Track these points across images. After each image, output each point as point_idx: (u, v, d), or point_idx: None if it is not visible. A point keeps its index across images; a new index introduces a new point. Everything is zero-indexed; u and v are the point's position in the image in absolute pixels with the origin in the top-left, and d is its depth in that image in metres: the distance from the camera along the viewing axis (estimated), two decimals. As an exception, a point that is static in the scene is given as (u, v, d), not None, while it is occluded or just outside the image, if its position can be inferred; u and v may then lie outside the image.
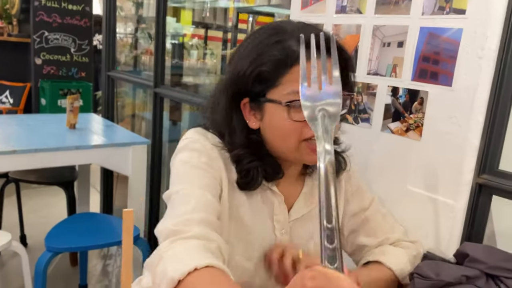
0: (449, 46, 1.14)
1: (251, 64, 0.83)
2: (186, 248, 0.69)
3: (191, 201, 0.79)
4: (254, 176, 0.88)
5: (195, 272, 0.64)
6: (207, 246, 0.72)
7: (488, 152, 1.13)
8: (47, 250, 2.01)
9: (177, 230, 0.73)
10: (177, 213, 0.78)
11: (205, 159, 0.87)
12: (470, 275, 1.03)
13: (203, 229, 0.74)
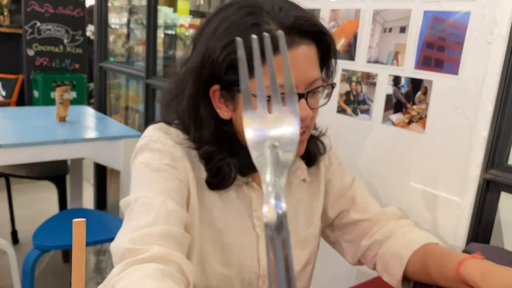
0: (456, 31, 1.05)
1: (224, 49, 0.72)
2: (141, 276, 0.59)
3: (152, 211, 0.70)
4: (227, 174, 0.79)
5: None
6: (166, 270, 0.62)
7: (497, 145, 1.05)
8: (34, 248, 1.93)
9: (133, 249, 0.64)
10: (135, 225, 0.69)
11: (167, 160, 0.77)
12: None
13: (163, 247, 0.65)
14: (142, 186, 0.75)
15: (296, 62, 0.71)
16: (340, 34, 1.31)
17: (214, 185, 0.80)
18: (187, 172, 0.78)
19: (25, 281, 1.94)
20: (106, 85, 3.30)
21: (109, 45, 3.40)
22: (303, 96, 0.73)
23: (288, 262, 0.30)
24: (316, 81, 0.75)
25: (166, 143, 0.79)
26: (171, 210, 0.71)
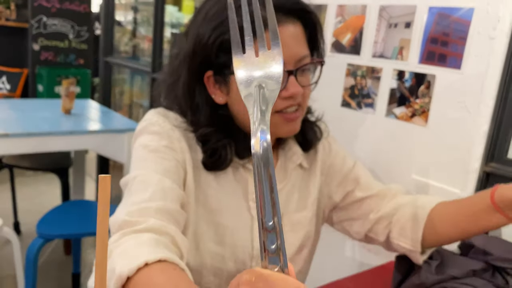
0: (460, 26, 1.08)
1: (213, 31, 0.75)
2: (136, 243, 0.62)
3: (149, 188, 0.73)
4: (223, 155, 0.81)
5: (146, 268, 0.58)
6: (160, 240, 0.65)
7: (498, 139, 1.08)
8: (38, 237, 1.96)
9: (130, 221, 0.67)
10: (133, 201, 0.72)
11: (165, 142, 0.80)
12: (477, 268, 0.98)
13: (158, 220, 0.68)
14: (140, 165, 0.78)
15: (283, 40, 0.73)
16: (347, 29, 1.33)
17: (210, 166, 0.82)
18: (184, 154, 0.81)
19: (28, 269, 1.96)
20: (111, 80, 3.33)
21: (115, 42, 3.43)
22: (292, 73, 0.76)
23: (272, 184, 0.34)
24: (304, 58, 0.78)
25: (164, 126, 0.82)
26: (167, 188, 0.74)
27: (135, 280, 0.57)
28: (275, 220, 0.33)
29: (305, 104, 0.82)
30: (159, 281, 0.57)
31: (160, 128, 0.82)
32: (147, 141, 0.80)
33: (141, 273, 0.57)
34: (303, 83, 0.78)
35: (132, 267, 0.57)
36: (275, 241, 0.33)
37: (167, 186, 0.74)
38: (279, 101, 0.76)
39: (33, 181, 3.76)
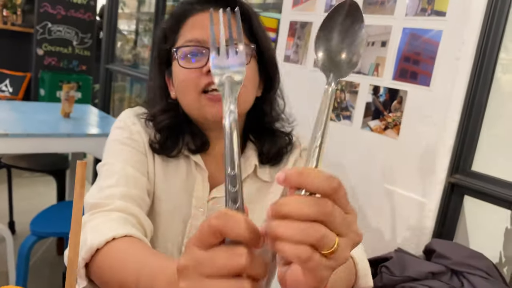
0: (429, 47, 1.16)
1: (161, 26, 0.87)
2: (106, 220, 0.72)
3: (114, 175, 0.82)
4: (170, 138, 0.88)
5: (113, 241, 0.66)
6: (127, 218, 0.74)
7: (462, 152, 1.16)
8: (31, 234, 2.02)
9: (98, 203, 0.76)
10: (101, 186, 0.81)
11: (127, 134, 0.88)
12: (435, 271, 1.05)
13: (123, 203, 0.77)
14: (109, 155, 0.88)
15: (207, 22, 0.81)
16: (329, 46, 1.42)
17: (156, 148, 0.89)
18: (145, 145, 0.89)
19: (20, 266, 2.02)
20: (111, 87, 3.42)
21: (116, 50, 3.53)
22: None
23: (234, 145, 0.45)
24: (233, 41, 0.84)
25: (127, 121, 0.91)
26: (130, 175, 0.83)
27: (103, 251, 0.66)
28: (236, 169, 0.43)
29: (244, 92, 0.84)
30: (126, 251, 0.65)
31: (123, 123, 0.91)
32: (113, 136, 0.90)
33: (109, 245, 0.66)
34: None
35: (101, 240, 0.66)
36: (235, 184, 0.42)
37: (130, 174, 0.83)
38: (203, 76, 0.81)
39: (30, 182, 3.83)
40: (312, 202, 0.39)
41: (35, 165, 2.88)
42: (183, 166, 0.90)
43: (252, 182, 0.91)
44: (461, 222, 1.21)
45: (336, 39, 0.51)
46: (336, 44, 0.51)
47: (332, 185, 0.40)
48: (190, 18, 0.84)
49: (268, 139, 0.91)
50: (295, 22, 1.53)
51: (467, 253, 1.06)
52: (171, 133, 0.88)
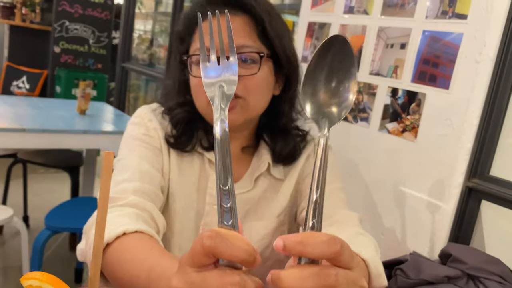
0: (449, 50, 1.16)
1: (176, 29, 0.88)
2: (118, 215, 0.72)
3: (129, 169, 0.82)
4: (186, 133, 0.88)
5: (123, 236, 0.66)
6: (140, 214, 0.74)
7: (480, 156, 1.15)
8: (46, 229, 2.05)
9: (113, 197, 0.76)
10: (116, 180, 0.81)
11: (143, 130, 0.89)
12: (452, 275, 1.04)
13: (137, 198, 0.77)
14: (124, 151, 0.88)
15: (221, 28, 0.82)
16: (347, 47, 1.42)
17: (171, 142, 0.89)
18: (160, 140, 0.90)
19: (34, 259, 2.05)
20: (126, 85, 3.45)
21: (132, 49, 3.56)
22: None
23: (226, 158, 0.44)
24: (240, 47, 0.81)
25: (144, 118, 0.91)
26: (144, 171, 0.84)
27: (113, 246, 0.66)
28: (229, 185, 0.42)
29: (249, 97, 0.82)
30: (134, 247, 0.65)
31: (140, 119, 0.91)
32: (129, 131, 0.91)
33: (119, 240, 0.66)
34: (239, 73, 0.79)
35: (111, 235, 0.66)
36: (228, 201, 0.41)
37: (145, 169, 0.84)
38: None
39: (45, 178, 3.87)
40: (314, 276, 0.38)
41: (50, 161, 2.92)
42: (196, 163, 0.91)
43: (265, 180, 0.92)
44: (478, 227, 1.20)
45: (324, 86, 0.48)
46: (325, 92, 0.48)
47: (334, 249, 0.39)
48: (203, 23, 0.82)
49: (281, 139, 0.90)
50: (314, 23, 1.54)
51: (484, 258, 1.05)
52: (186, 128, 0.89)
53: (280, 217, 0.93)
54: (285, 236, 0.39)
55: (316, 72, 0.48)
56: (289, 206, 0.94)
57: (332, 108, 0.48)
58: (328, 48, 0.47)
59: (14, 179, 3.00)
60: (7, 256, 2.74)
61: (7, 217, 2.09)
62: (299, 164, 0.93)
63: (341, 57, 0.47)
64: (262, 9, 0.83)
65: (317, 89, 0.48)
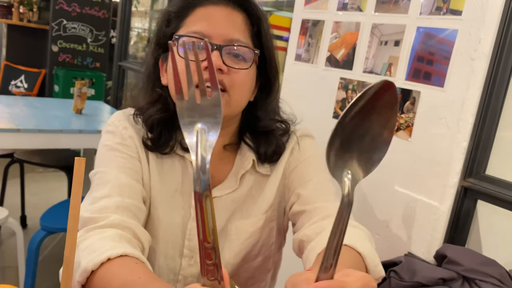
0: (444, 46, 1.13)
1: (167, 9, 0.85)
2: (101, 238, 0.68)
3: (107, 185, 0.78)
4: (163, 134, 0.84)
5: (108, 262, 0.64)
6: (123, 235, 0.71)
7: (476, 155, 1.12)
8: (41, 229, 2.03)
9: (93, 217, 0.73)
10: (94, 196, 0.77)
11: (118, 139, 0.85)
12: (447, 277, 1.02)
13: (119, 216, 0.74)
14: (101, 163, 0.84)
15: (216, 18, 0.80)
16: (341, 45, 1.40)
17: (149, 145, 0.85)
18: (138, 148, 0.86)
19: (29, 260, 2.03)
20: (123, 84, 3.43)
21: (129, 47, 3.54)
22: (217, 48, 0.78)
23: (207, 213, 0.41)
24: (235, 41, 0.80)
25: (118, 125, 0.87)
26: (124, 184, 0.79)
27: (99, 273, 0.64)
28: (212, 241, 0.40)
29: (233, 92, 0.80)
30: (121, 274, 0.63)
31: (114, 127, 0.87)
32: (104, 141, 0.87)
33: (104, 267, 0.64)
34: (228, 63, 0.79)
35: (96, 262, 0.63)
36: (212, 257, 0.40)
37: (124, 182, 0.80)
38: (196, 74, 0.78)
39: (42, 177, 3.86)
40: None
41: (47, 161, 2.91)
42: (178, 166, 0.88)
43: (250, 177, 0.90)
44: (474, 227, 1.18)
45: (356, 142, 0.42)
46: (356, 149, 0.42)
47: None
48: (198, 8, 0.81)
49: (264, 139, 0.88)
50: (307, 20, 1.51)
51: (480, 260, 1.03)
52: (162, 129, 0.85)
53: (268, 213, 0.91)
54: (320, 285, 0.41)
55: (350, 125, 0.41)
56: (277, 201, 0.92)
57: (358, 165, 0.42)
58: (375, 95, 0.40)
59: (11, 179, 2.99)
60: (4, 256, 2.73)
61: (2, 217, 2.07)
62: (284, 159, 0.91)
63: (384, 111, 0.41)
64: (259, 11, 0.84)
65: (347, 144, 0.42)
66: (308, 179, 0.89)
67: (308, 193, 0.87)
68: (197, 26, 0.79)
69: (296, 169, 0.90)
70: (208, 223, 0.40)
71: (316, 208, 0.84)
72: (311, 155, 0.92)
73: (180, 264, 0.88)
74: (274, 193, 0.91)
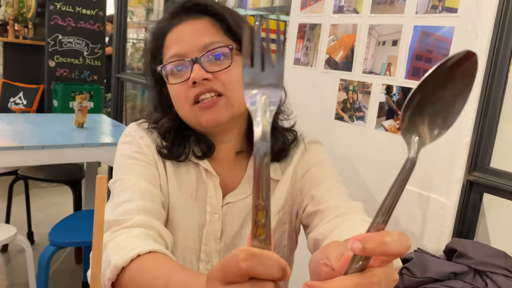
0: (442, 44, 1.15)
1: (145, 50, 0.89)
2: (128, 237, 0.71)
3: (128, 190, 0.81)
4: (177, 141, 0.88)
5: (138, 259, 0.66)
6: (149, 233, 0.74)
7: (479, 149, 1.14)
8: (50, 244, 2.04)
9: (117, 220, 0.75)
10: (116, 202, 0.80)
11: (136, 148, 0.88)
12: (458, 271, 1.03)
13: (142, 217, 0.76)
14: (119, 171, 0.87)
15: (183, 35, 0.84)
16: (339, 47, 1.41)
17: (164, 153, 0.89)
18: (155, 156, 0.89)
19: (40, 275, 2.04)
20: (122, 96, 3.45)
21: (126, 59, 3.56)
22: (195, 61, 0.82)
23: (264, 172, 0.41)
24: (208, 46, 0.83)
25: (134, 135, 0.90)
26: (143, 188, 0.82)
27: (129, 269, 0.66)
28: (266, 201, 0.41)
29: (229, 93, 0.82)
30: (152, 267, 0.65)
31: (131, 137, 0.91)
32: (121, 151, 0.90)
33: (135, 263, 0.66)
34: (211, 69, 0.82)
35: (126, 258, 0.65)
36: (264, 216, 0.40)
37: (143, 187, 0.83)
38: (191, 89, 0.82)
39: (47, 192, 3.87)
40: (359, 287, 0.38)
41: (51, 176, 2.92)
42: (193, 173, 0.91)
43: None
44: (481, 220, 1.19)
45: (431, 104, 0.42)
46: (429, 110, 0.42)
47: (408, 243, 0.39)
48: (168, 35, 0.85)
49: (271, 136, 0.90)
50: (304, 24, 1.53)
51: (490, 252, 1.04)
52: (175, 136, 0.89)
53: (279, 214, 0.93)
54: (361, 237, 0.38)
55: (430, 87, 0.42)
56: (289, 204, 0.94)
57: (428, 130, 0.43)
58: (455, 64, 0.41)
59: (16, 195, 3.00)
60: (14, 273, 2.74)
61: (11, 235, 2.09)
62: (293, 163, 0.93)
63: (463, 81, 0.41)
64: (221, 8, 0.86)
65: (423, 106, 0.42)
66: (321, 181, 0.90)
67: (321, 194, 0.89)
68: (171, 51, 0.84)
69: (308, 172, 0.92)
70: (263, 185, 0.41)
71: (329, 207, 0.86)
72: (323, 159, 0.94)
73: (197, 268, 0.91)
74: (284, 196, 0.93)
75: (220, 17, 0.85)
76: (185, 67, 0.82)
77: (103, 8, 4.65)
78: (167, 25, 0.86)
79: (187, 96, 0.82)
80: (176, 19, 0.86)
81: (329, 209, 0.85)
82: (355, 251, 0.38)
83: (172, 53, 0.83)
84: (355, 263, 0.41)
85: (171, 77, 0.84)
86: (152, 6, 3.87)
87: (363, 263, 0.41)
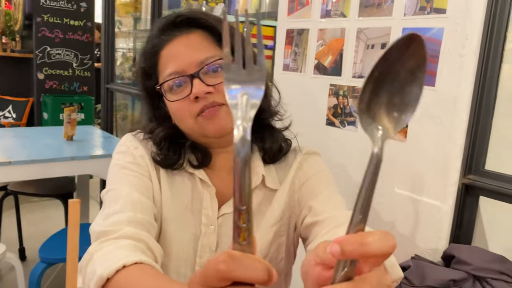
0: (432, 45, 1.13)
1: (139, 65, 0.88)
2: (115, 248, 0.70)
3: (119, 201, 0.80)
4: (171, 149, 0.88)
5: (124, 270, 0.64)
6: (137, 245, 0.72)
7: (474, 151, 1.12)
8: (41, 261, 2.00)
9: (106, 231, 0.74)
10: (107, 213, 0.79)
11: (130, 159, 0.87)
12: (457, 278, 1.01)
13: (132, 228, 0.75)
14: (112, 181, 0.86)
15: (178, 52, 0.83)
16: (328, 52, 1.39)
17: (159, 161, 0.88)
18: (148, 167, 0.88)
19: (31, 294, 2.00)
20: (112, 106, 3.41)
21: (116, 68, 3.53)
22: (194, 76, 0.82)
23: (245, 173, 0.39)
24: (205, 60, 0.82)
25: (129, 146, 0.90)
26: (135, 200, 0.81)
27: (114, 280, 0.64)
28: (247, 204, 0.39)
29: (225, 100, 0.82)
30: (137, 279, 0.63)
31: (126, 148, 0.90)
32: (115, 161, 0.89)
33: (120, 274, 0.64)
34: (211, 82, 0.82)
35: (111, 269, 0.63)
36: (245, 221, 0.39)
37: (136, 198, 0.81)
38: (194, 104, 0.82)
39: (38, 207, 3.81)
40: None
41: (42, 190, 2.87)
42: (187, 183, 0.89)
43: (259, 192, 0.91)
44: (478, 224, 1.17)
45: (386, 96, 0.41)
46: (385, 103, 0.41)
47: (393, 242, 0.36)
48: (162, 51, 0.85)
49: (268, 135, 0.90)
50: (292, 30, 1.51)
51: (489, 257, 1.01)
52: (171, 144, 0.88)
53: (276, 226, 0.91)
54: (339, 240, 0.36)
55: (379, 80, 0.41)
56: (286, 216, 0.93)
57: (389, 120, 0.41)
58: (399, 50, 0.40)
59: (6, 210, 2.95)
60: (5, 291, 2.68)
61: (0, 253, 2.04)
62: (290, 174, 0.92)
63: (412, 63, 0.40)
64: (212, 19, 0.86)
65: (376, 99, 0.41)
66: (319, 192, 0.90)
67: (319, 204, 0.88)
68: (168, 68, 0.83)
69: (306, 183, 0.92)
70: (244, 188, 0.39)
71: (327, 218, 0.85)
72: (321, 170, 0.94)
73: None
74: (282, 207, 0.92)
75: (211, 29, 0.85)
76: (184, 83, 0.82)
77: (91, 18, 4.62)
78: (159, 42, 0.86)
79: (190, 111, 0.82)
80: (168, 35, 0.85)
81: (327, 219, 0.84)
82: (335, 255, 0.36)
83: (170, 71, 0.83)
84: (341, 269, 0.38)
85: (170, 94, 0.83)
86: (140, 16, 3.84)
87: (349, 269, 0.38)
